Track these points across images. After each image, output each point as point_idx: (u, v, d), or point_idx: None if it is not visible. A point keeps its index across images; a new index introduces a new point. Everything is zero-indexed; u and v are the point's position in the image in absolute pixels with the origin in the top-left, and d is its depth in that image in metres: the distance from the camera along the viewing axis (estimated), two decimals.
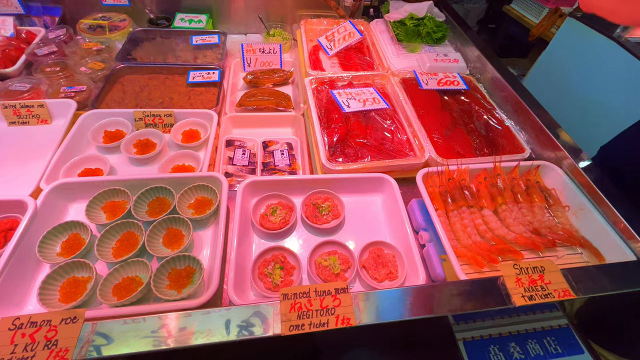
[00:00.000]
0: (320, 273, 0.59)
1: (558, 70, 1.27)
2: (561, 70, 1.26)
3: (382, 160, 0.74)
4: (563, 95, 1.23)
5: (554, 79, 1.29)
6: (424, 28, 1.08)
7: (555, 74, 1.28)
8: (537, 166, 0.73)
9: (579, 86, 1.17)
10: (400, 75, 0.98)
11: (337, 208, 0.69)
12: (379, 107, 0.87)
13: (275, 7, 1.36)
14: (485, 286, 0.49)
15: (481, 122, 0.86)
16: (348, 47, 1.15)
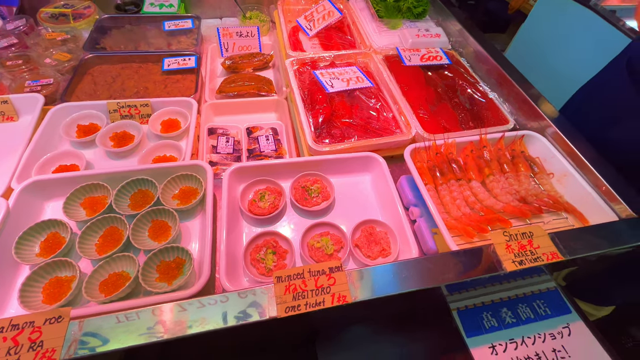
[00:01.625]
0: (314, 255, 0.58)
1: (537, 42, 1.28)
2: (540, 42, 1.26)
3: (369, 139, 0.73)
4: (543, 67, 1.24)
5: (533, 51, 1.30)
6: (404, 3, 1.05)
7: (535, 45, 1.29)
8: (521, 136, 0.74)
9: (558, 56, 1.18)
10: (383, 52, 0.96)
11: (327, 189, 0.68)
12: (363, 86, 0.85)
13: None
14: (477, 255, 0.50)
15: (465, 96, 0.86)
16: (328, 26, 1.12)
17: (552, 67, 1.20)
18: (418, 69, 0.91)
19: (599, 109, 0.80)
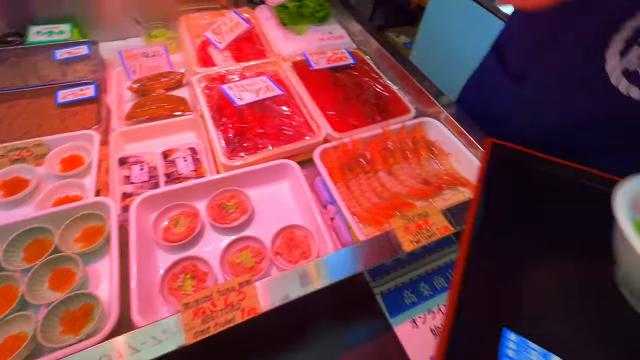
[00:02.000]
0: (234, 271, 0.58)
1: (436, 32, 1.40)
2: (439, 33, 1.39)
3: (282, 147, 0.75)
4: (445, 55, 1.36)
5: (435, 41, 1.42)
6: (306, 9, 1.09)
7: (435, 36, 1.41)
8: (420, 123, 0.80)
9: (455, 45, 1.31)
10: (291, 59, 0.99)
11: (245, 203, 0.68)
12: (273, 95, 0.86)
13: (153, 6, 1.25)
14: (379, 242, 0.54)
15: (371, 92, 0.91)
16: (237, 37, 1.12)
17: (452, 55, 1.32)
18: (325, 72, 0.95)
19: (486, 94, 0.88)
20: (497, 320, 0.31)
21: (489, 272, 0.36)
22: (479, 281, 0.34)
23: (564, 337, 0.30)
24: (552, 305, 0.32)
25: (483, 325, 0.31)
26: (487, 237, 0.39)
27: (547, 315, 0.32)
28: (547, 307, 0.32)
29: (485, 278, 0.35)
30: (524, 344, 0.29)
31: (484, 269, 0.36)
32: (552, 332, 0.30)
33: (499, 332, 0.30)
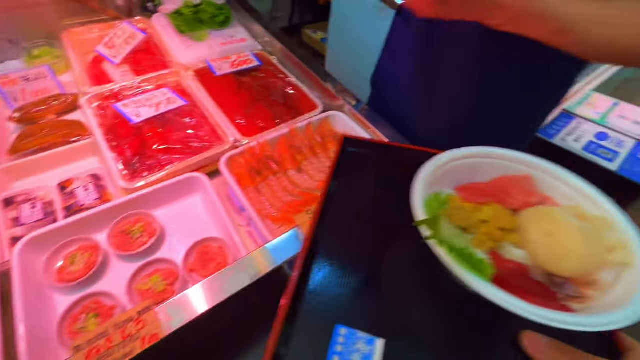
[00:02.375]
0: (145, 299, 0.55)
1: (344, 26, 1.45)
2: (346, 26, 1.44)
3: (187, 160, 0.72)
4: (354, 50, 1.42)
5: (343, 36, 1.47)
6: (204, 14, 1.06)
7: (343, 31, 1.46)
8: (326, 117, 0.83)
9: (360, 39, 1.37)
10: (193, 67, 0.95)
11: (152, 225, 0.65)
12: (175, 107, 0.83)
13: (31, 22, 1.12)
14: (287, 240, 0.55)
15: (278, 92, 0.92)
16: (135, 49, 1.05)
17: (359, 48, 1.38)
18: (230, 77, 0.93)
19: (385, 85, 0.94)
20: (331, 318, 0.32)
21: (329, 269, 0.37)
22: (318, 277, 0.36)
23: (394, 322, 0.32)
24: (386, 295, 0.34)
25: (317, 325, 0.32)
26: (327, 234, 0.40)
27: (380, 305, 0.34)
28: (380, 298, 0.34)
29: (325, 273, 0.37)
30: (352, 334, 0.31)
31: (323, 264, 0.37)
32: (383, 320, 0.32)
33: (332, 329, 0.31)
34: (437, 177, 0.38)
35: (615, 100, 1.36)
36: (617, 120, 1.24)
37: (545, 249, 0.32)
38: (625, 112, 1.29)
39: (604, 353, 0.30)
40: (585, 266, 0.30)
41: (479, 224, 0.35)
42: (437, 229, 0.30)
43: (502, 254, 0.34)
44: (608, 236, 0.32)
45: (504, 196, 0.37)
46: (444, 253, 0.29)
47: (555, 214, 0.33)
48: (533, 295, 0.31)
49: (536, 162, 0.38)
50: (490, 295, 0.27)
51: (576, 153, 1.06)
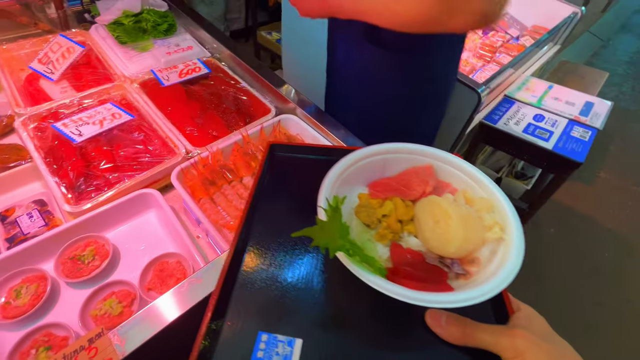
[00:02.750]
0: (100, 324, 0.54)
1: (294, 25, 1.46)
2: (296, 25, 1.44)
3: (136, 177, 0.70)
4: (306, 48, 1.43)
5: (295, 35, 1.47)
6: (146, 23, 1.02)
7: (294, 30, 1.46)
8: (278, 121, 0.84)
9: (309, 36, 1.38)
10: (138, 79, 0.92)
11: (104, 247, 0.63)
12: (121, 122, 0.80)
13: None
14: None
15: (229, 99, 0.92)
16: (74, 64, 0.99)
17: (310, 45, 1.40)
18: (178, 87, 0.91)
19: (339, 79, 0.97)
20: (256, 325, 0.33)
21: (252, 277, 0.38)
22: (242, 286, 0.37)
23: (311, 324, 0.34)
24: (307, 297, 0.36)
25: (241, 334, 0.33)
26: (252, 242, 0.41)
27: (299, 308, 0.35)
28: (302, 300, 0.36)
29: (249, 281, 0.37)
30: (273, 339, 0.32)
31: (246, 273, 0.38)
32: (301, 323, 0.34)
33: (255, 337, 0.32)
34: (350, 175, 0.41)
35: (550, 84, 1.48)
36: (552, 102, 1.36)
37: (433, 236, 0.35)
38: (559, 94, 1.41)
39: (499, 316, 0.34)
40: (464, 247, 0.34)
41: (381, 219, 0.39)
42: (330, 230, 0.31)
43: (402, 244, 0.38)
44: (488, 217, 0.37)
45: (405, 189, 0.41)
46: (342, 256, 0.31)
47: (442, 202, 0.36)
48: (427, 278, 0.34)
49: (436, 153, 0.42)
50: (375, 286, 0.30)
51: (517, 136, 1.15)
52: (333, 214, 0.32)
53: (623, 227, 1.94)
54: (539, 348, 0.28)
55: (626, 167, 2.32)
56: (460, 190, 0.41)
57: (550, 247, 1.82)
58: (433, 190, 0.41)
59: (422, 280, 0.34)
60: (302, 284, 0.37)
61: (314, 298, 0.36)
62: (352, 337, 0.34)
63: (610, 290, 1.65)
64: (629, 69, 3.36)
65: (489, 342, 0.29)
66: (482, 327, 0.31)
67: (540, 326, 0.31)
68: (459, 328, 0.31)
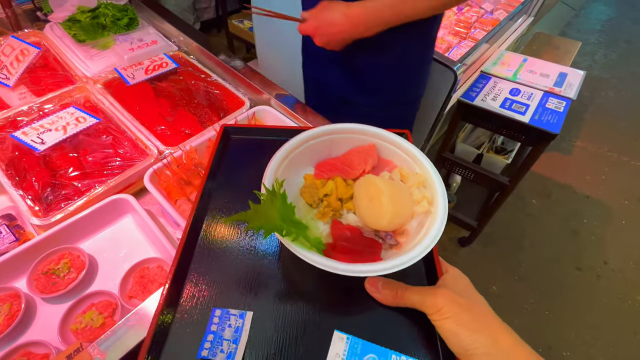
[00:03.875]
0: (83, 337, 0.52)
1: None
2: None
3: (107, 182, 0.67)
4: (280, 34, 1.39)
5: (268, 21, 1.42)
6: (105, 18, 0.96)
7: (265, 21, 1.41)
8: (253, 113, 0.82)
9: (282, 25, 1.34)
10: (101, 79, 0.87)
11: (79, 259, 0.61)
12: (87, 126, 0.76)
13: None
14: None
15: (201, 93, 0.88)
16: (31, 67, 0.93)
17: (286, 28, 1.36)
18: (145, 84, 0.87)
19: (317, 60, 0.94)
20: (210, 302, 0.36)
21: (206, 257, 0.40)
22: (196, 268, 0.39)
23: (261, 297, 0.37)
24: (256, 273, 0.39)
25: (198, 309, 0.36)
26: (204, 224, 0.43)
27: (249, 284, 0.38)
28: (253, 277, 0.39)
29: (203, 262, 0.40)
30: (226, 313, 0.35)
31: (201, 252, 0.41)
32: (251, 297, 0.37)
33: (210, 312, 0.35)
34: (298, 156, 0.43)
35: (524, 57, 1.48)
36: (527, 75, 1.37)
37: (368, 212, 0.38)
38: (534, 67, 1.42)
39: (431, 280, 0.38)
40: (395, 221, 0.37)
41: (323, 198, 0.42)
42: (266, 213, 0.34)
43: (342, 221, 0.41)
44: (418, 192, 0.40)
45: (347, 168, 0.43)
46: (279, 235, 0.34)
47: (377, 181, 0.39)
48: (363, 250, 0.38)
49: (379, 133, 0.44)
50: (309, 260, 0.32)
51: (495, 111, 1.16)
52: (270, 196, 0.34)
53: (599, 193, 2.01)
54: (456, 303, 0.31)
55: (601, 134, 2.39)
56: (397, 168, 0.43)
57: (532, 217, 1.88)
58: (373, 169, 0.43)
59: (357, 253, 0.37)
60: (250, 262, 0.39)
61: (262, 274, 0.39)
62: (300, 307, 0.36)
63: (588, 254, 1.73)
64: (601, 37, 3.42)
65: (415, 301, 0.33)
66: (411, 289, 0.34)
67: (462, 285, 0.34)
68: (392, 291, 0.35)
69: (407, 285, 0.35)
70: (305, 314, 0.36)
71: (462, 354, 0.30)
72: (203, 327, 0.34)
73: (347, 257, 0.36)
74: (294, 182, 0.43)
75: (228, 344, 0.33)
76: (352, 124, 0.44)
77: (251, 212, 0.33)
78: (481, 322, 0.30)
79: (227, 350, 0.33)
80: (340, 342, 0.33)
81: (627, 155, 2.24)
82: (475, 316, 0.30)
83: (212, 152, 0.48)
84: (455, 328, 0.30)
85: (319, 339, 0.34)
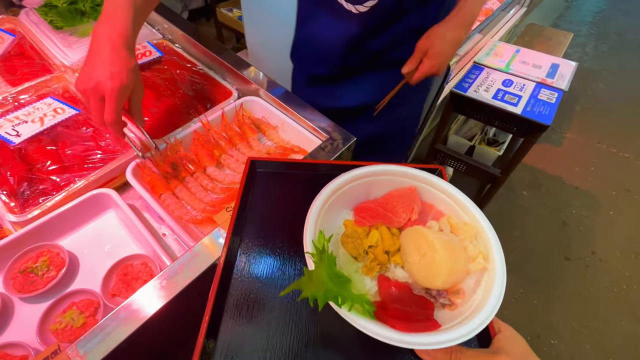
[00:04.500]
0: (63, 338, 0.50)
1: None
2: None
3: (88, 177, 0.64)
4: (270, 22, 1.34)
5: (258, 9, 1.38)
6: (84, 4, 0.92)
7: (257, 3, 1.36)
8: (241, 104, 0.79)
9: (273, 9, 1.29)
10: None
11: (59, 256, 0.58)
12: (66, 117, 0.73)
13: None
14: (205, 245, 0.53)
15: (186, 84, 0.85)
16: (5, 56, 0.89)
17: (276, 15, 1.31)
18: None
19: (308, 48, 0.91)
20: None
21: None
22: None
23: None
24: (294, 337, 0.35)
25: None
26: (237, 268, 0.40)
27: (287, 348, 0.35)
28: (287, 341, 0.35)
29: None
30: None
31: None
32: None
33: None
34: (335, 201, 0.39)
35: (517, 47, 1.47)
36: (520, 65, 1.36)
37: (420, 269, 0.35)
38: (526, 57, 1.41)
39: (482, 339, 0.35)
40: (450, 279, 0.34)
41: (367, 250, 0.38)
42: (318, 276, 0.31)
43: (389, 276, 0.37)
44: (472, 246, 0.37)
45: (391, 215, 0.40)
46: (332, 303, 0.30)
47: (428, 234, 0.35)
48: (415, 312, 0.35)
49: (419, 175, 0.41)
50: (366, 331, 0.30)
51: (487, 102, 1.15)
52: (319, 258, 0.31)
53: (588, 184, 2.04)
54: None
55: (591, 126, 2.41)
56: (445, 217, 0.40)
57: (523, 208, 1.90)
58: (418, 216, 0.40)
59: (410, 316, 0.34)
60: (289, 328, 0.36)
61: (304, 338, 0.35)
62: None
63: (577, 245, 1.75)
64: (592, 29, 3.43)
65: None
66: (467, 352, 0.32)
67: (520, 347, 0.32)
68: (445, 355, 0.32)
69: (462, 347, 0.32)
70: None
71: None
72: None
73: (401, 323, 0.33)
74: (331, 228, 0.40)
75: None
76: (392, 165, 0.41)
77: (305, 279, 0.31)
78: None
79: None
80: None
81: (615, 146, 2.27)
82: None
83: (241, 187, 0.46)
84: None
85: None
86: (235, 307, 0.36)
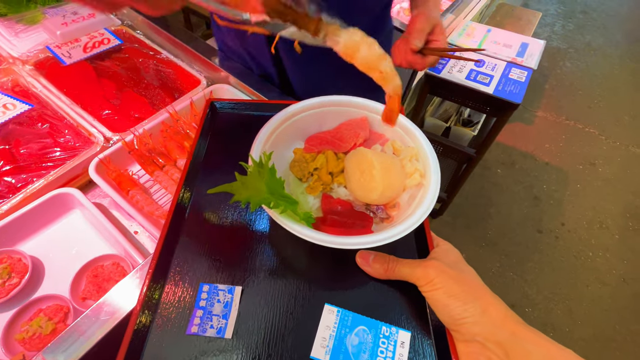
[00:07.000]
0: (32, 347, 0.48)
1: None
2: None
3: (46, 176, 0.60)
4: None
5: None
6: None
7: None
8: (210, 92, 0.76)
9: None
10: (31, 59, 0.77)
11: (21, 262, 0.55)
12: (17, 113, 0.67)
13: None
14: None
15: (150, 72, 0.80)
16: None
17: None
18: (85, 64, 0.78)
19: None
20: (197, 279, 0.36)
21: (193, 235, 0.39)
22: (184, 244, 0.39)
23: (249, 272, 0.37)
24: (242, 250, 0.38)
25: (186, 286, 0.35)
26: (192, 198, 0.42)
27: (237, 260, 0.37)
28: (240, 254, 0.38)
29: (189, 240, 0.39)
30: (214, 288, 0.35)
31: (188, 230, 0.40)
32: (240, 272, 0.37)
33: (197, 288, 0.35)
34: (287, 130, 0.41)
35: (488, 27, 1.49)
36: (491, 45, 1.37)
37: (359, 185, 0.37)
38: (497, 37, 1.43)
39: (422, 253, 0.38)
40: (386, 194, 0.37)
41: (312, 172, 0.40)
42: (253, 185, 0.32)
43: (332, 195, 0.40)
44: (410, 164, 0.39)
45: (338, 142, 0.41)
46: (267, 208, 0.32)
47: (368, 154, 0.37)
48: (354, 224, 0.37)
49: (371, 105, 0.43)
50: (297, 233, 0.32)
51: (460, 83, 1.16)
52: (257, 169, 0.32)
53: (558, 159, 2.13)
54: (447, 274, 0.31)
55: (559, 103, 2.51)
56: (390, 141, 0.42)
57: (497, 186, 1.97)
58: (365, 142, 0.42)
59: (348, 226, 0.37)
60: (239, 237, 0.38)
61: (251, 249, 0.38)
62: (290, 281, 0.36)
63: (548, 218, 1.85)
64: (559, 8, 3.52)
65: (406, 274, 0.33)
66: (402, 261, 0.34)
67: (453, 257, 0.34)
68: (383, 265, 0.34)
69: (398, 258, 0.35)
70: (296, 288, 0.35)
71: (451, 324, 0.31)
72: (191, 304, 0.34)
73: (338, 230, 0.36)
74: (284, 157, 0.42)
75: (218, 319, 0.33)
76: (344, 96, 0.42)
77: (237, 184, 0.32)
78: (471, 293, 0.30)
79: (217, 326, 0.32)
80: (330, 315, 0.33)
81: (582, 122, 2.37)
82: (465, 287, 0.30)
83: (199, 128, 0.46)
84: (445, 299, 0.30)
85: (310, 312, 0.34)
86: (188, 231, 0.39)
